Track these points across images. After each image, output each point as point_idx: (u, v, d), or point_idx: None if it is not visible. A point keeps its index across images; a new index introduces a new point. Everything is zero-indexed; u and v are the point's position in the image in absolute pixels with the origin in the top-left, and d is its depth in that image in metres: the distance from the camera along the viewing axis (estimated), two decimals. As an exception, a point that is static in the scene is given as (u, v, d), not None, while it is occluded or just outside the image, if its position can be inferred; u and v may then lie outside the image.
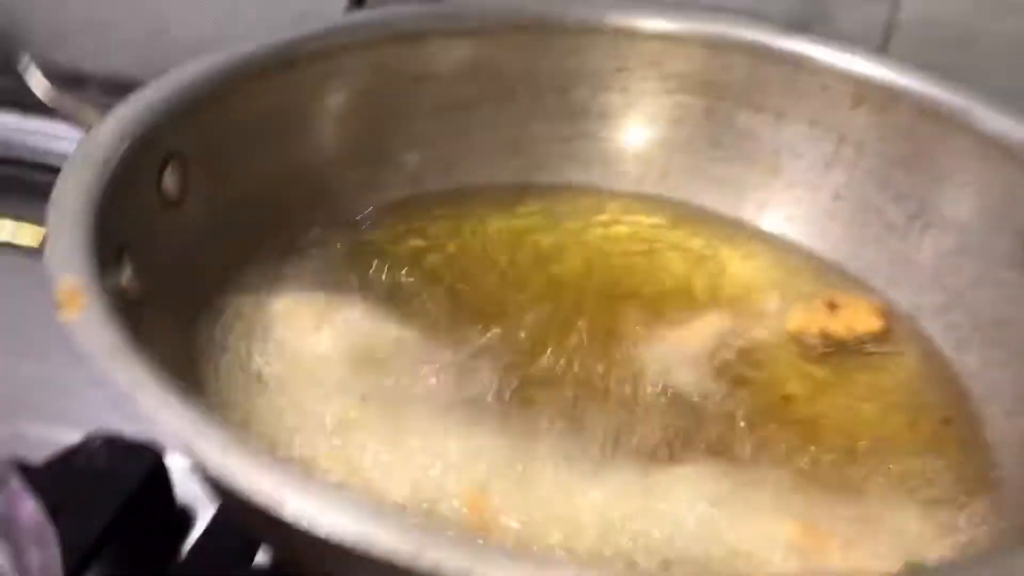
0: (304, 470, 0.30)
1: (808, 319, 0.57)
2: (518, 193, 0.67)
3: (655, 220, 0.66)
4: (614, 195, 0.68)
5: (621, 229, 0.65)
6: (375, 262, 0.57)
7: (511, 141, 0.67)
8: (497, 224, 0.64)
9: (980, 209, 0.56)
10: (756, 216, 0.66)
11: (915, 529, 0.44)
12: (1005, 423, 0.50)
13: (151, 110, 0.49)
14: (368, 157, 0.63)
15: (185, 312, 0.48)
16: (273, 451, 0.43)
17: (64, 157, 0.44)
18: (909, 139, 0.60)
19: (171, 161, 0.50)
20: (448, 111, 0.65)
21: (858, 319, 0.55)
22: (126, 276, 0.43)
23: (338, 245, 0.58)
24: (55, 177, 0.43)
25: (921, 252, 0.59)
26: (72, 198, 0.42)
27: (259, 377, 0.47)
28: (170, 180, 0.50)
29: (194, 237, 0.51)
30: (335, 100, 0.60)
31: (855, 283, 0.61)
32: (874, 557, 0.42)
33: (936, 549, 0.43)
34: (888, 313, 0.57)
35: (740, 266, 0.63)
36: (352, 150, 0.62)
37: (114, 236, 0.43)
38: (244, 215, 0.55)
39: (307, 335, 0.50)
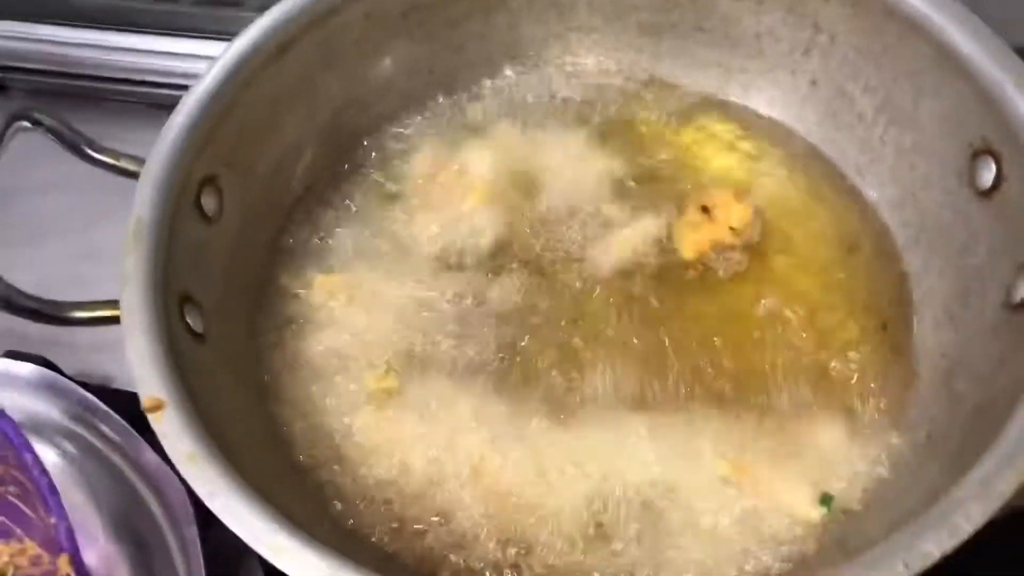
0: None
1: (695, 239, 0.63)
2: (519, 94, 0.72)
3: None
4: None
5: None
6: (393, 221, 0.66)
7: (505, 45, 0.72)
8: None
9: (935, 114, 0.60)
10: (743, 96, 0.70)
11: (835, 452, 0.55)
12: (931, 335, 0.58)
13: (180, 143, 0.57)
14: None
15: (241, 316, 0.60)
16: (320, 428, 0.57)
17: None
18: (876, 36, 0.62)
19: (206, 185, 0.59)
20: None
21: (730, 215, 0.62)
22: (190, 315, 0.55)
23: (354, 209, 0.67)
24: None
25: (885, 145, 0.64)
26: (137, 274, 0.52)
27: (306, 360, 0.60)
28: (207, 201, 0.59)
29: (235, 245, 0.61)
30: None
31: (829, 167, 0.67)
32: (797, 483, 0.53)
33: (850, 469, 0.54)
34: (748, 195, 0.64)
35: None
36: (363, 96, 0.69)
37: (176, 288, 0.54)
38: (272, 199, 0.64)
39: (340, 308, 0.62)
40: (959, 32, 0.57)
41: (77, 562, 0.50)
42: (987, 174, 0.56)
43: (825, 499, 0.53)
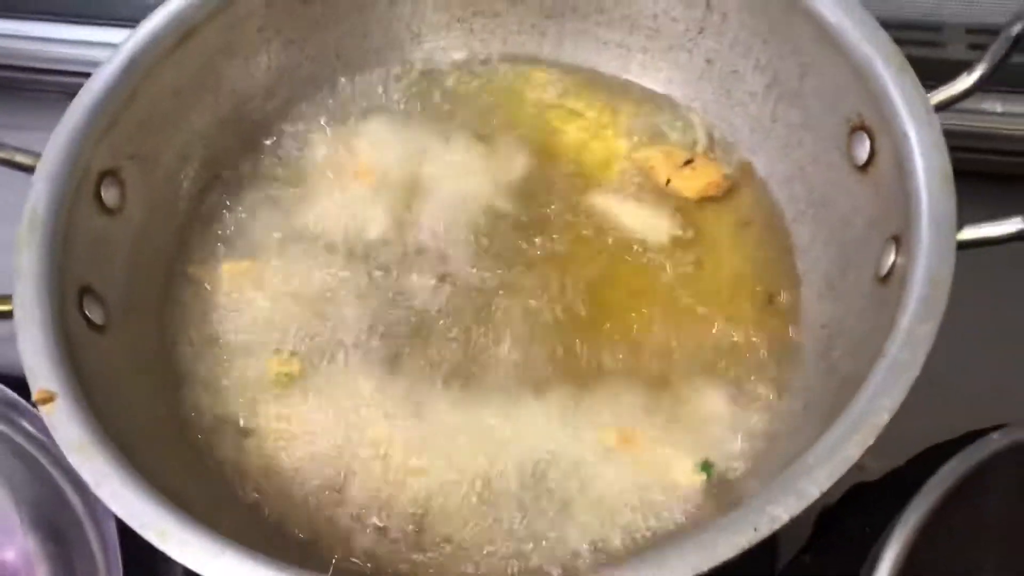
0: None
1: (645, 159, 0.67)
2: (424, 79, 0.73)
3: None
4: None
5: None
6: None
7: (411, 32, 0.73)
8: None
9: (818, 90, 0.62)
10: (641, 75, 0.72)
11: (718, 419, 0.57)
12: (815, 306, 0.60)
13: (78, 137, 0.58)
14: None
15: (147, 306, 0.62)
16: (225, 414, 0.59)
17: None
18: (762, 15, 0.64)
19: (106, 176, 0.60)
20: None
21: (690, 182, 0.65)
22: (90, 308, 0.56)
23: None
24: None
25: (775, 122, 0.66)
26: (31, 268, 0.54)
27: (213, 348, 0.61)
28: (108, 194, 0.60)
29: (138, 236, 0.62)
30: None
31: (725, 145, 0.68)
32: (679, 451, 0.56)
33: (732, 437, 0.56)
34: (728, 189, 0.66)
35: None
36: (266, 84, 0.70)
37: (75, 281, 0.55)
38: (176, 190, 0.66)
39: (247, 295, 0.63)
40: (834, 9, 0.58)
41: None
42: (862, 149, 0.58)
43: (705, 466, 0.55)
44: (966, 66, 0.58)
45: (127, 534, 0.56)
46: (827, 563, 0.55)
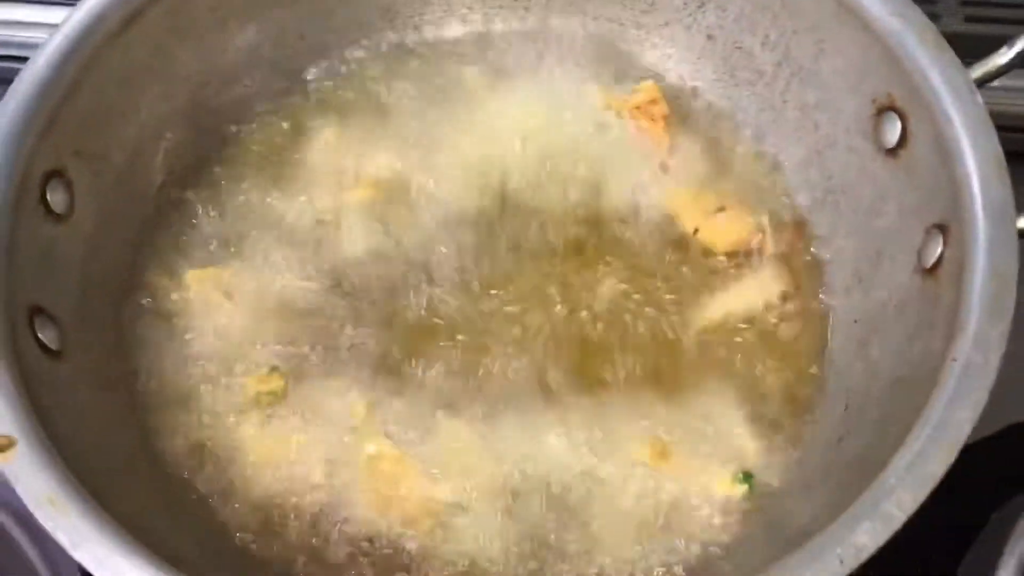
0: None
1: (689, 210, 0.60)
2: (399, 59, 0.67)
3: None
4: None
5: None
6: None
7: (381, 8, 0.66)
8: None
9: (837, 69, 0.57)
10: (638, 53, 0.66)
11: (749, 427, 0.53)
12: (842, 300, 0.56)
13: (16, 133, 0.51)
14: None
15: (106, 324, 0.54)
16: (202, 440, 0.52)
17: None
18: (773, -13, 0.59)
19: (52, 178, 0.52)
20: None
21: (720, 237, 0.59)
22: (43, 331, 0.49)
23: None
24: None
25: (786, 102, 0.61)
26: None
27: (182, 366, 0.55)
28: (55, 197, 0.52)
29: (91, 245, 0.54)
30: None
31: (730, 126, 0.64)
32: (715, 463, 0.51)
33: (768, 445, 0.52)
34: (755, 237, 0.59)
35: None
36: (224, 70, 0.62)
37: (23, 302, 0.48)
38: (131, 189, 0.58)
39: (216, 305, 0.56)
40: (860, -15, 0.54)
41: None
42: (892, 132, 0.54)
43: (745, 477, 0.51)
44: (962, 38, 0.55)
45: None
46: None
